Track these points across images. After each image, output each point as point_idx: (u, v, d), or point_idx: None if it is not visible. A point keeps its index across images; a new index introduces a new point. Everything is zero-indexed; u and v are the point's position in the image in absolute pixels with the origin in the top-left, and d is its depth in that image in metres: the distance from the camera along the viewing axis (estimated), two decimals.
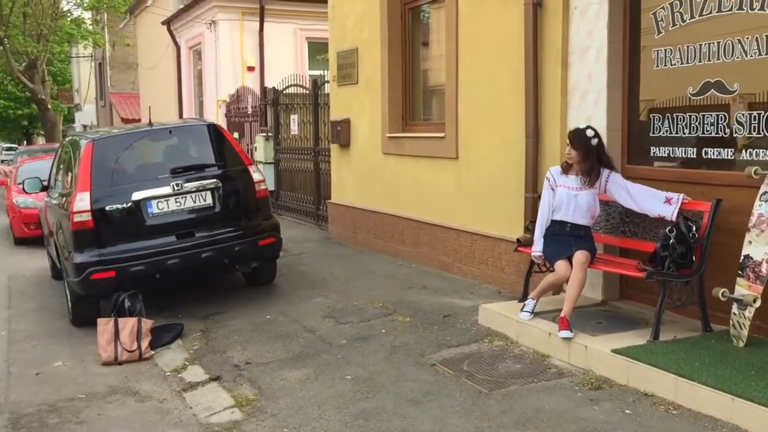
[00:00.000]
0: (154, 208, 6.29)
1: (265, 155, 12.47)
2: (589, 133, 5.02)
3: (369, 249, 8.83)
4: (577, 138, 5.02)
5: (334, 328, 5.72)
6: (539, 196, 5.81)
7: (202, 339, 5.82)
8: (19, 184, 10.38)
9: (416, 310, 6.02)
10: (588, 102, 5.68)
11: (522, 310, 5.20)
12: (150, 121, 6.95)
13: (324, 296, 6.69)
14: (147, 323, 5.63)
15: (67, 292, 6.53)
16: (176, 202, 6.35)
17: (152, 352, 5.56)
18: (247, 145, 13.79)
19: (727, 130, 4.82)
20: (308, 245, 9.47)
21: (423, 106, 8.52)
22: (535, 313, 5.17)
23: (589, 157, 4.99)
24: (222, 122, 15.08)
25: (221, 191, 6.54)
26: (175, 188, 6.32)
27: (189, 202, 6.40)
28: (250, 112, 13.94)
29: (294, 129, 11.87)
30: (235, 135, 14.39)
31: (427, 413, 4.02)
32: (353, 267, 7.86)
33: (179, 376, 5.12)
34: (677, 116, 5.16)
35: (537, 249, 5.22)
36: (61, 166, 7.64)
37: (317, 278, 7.45)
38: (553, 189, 5.15)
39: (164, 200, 6.31)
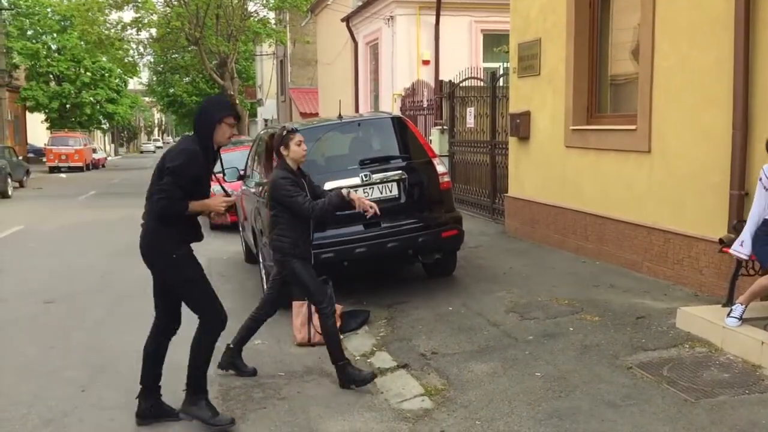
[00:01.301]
0: None
1: (440, 148, 12.55)
2: None
3: (548, 245, 8.62)
4: None
5: (518, 324, 5.64)
6: (746, 194, 5.38)
7: (387, 326, 5.96)
8: (217, 173, 11.20)
9: (605, 310, 5.78)
10: None
11: (728, 315, 4.82)
12: (339, 114, 7.22)
13: (506, 290, 6.62)
14: (338, 308, 5.85)
15: (263, 275, 6.96)
16: (364, 192, 6.54)
17: (342, 336, 5.77)
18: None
19: None
20: (484, 239, 9.42)
21: (610, 97, 8.15)
22: (743, 320, 4.78)
23: None
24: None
25: (406, 183, 6.66)
26: (364, 179, 6.52)
27: (376, 193, 6.57)
28: (425, 105, 14.10)
29: (470, 122, 11.84)
30: None
31: (627, 418, 3.85)
32: (533, 262, 7.70)
33: (368, 361, 5.28)
34: None
35: (746, 251, 4.83)
36: (257, 158, 8.15)
37: (497, 272, 7.39)
38: (766, 189, 4.72)
39: (353, 190, 6.50)
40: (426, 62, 15.38)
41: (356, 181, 6.52)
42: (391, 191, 6.63)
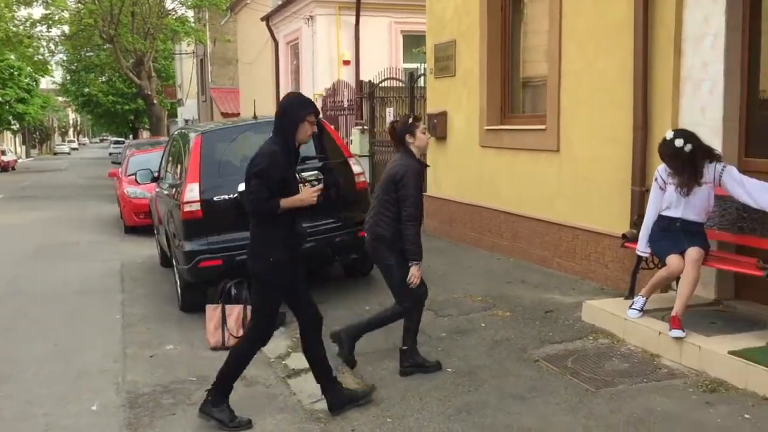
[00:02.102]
0: None
1: (360, 148, 12.60)
2: (678, 143, 4.73)
3: (466, 243, 8.78)
4: (665, 150, 4.78)
5: (433, 321, 5.72)
6: (647, 190, 5.61)
7: None
8: (130, 175, 10.90)
9: (516, 305, 5.94)
10: (702, 92, 5.43)
11: (630, 307, 5.03)
12: (255, 115, 7.14)
13: None
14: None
15: (177, 278, 6.82)
16: None
17: None
18: (343, 138, 13.96)
19: None
20: None
21: (523, 98, 8.38)
22: (643, 311, 5.00)
23: (684, 168, 4.74)
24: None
25: (322, 183, 6.63)
26: None
27: None
28: (345, 105, 14.12)
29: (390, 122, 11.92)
30: None
31: (532, 409, 3.96)
32: (450, 260, 7.83)
33: (283, 362, 5.25)
34: None
35: (642, 247, 5.05)
36: (171, 159, 7.98)
37: None
38: (662, 188, 4.95)
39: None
40: (346, 62, 15.41)
41: None
42: None
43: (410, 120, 4.71)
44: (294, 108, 4.04)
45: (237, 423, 4.11)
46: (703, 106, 5.40)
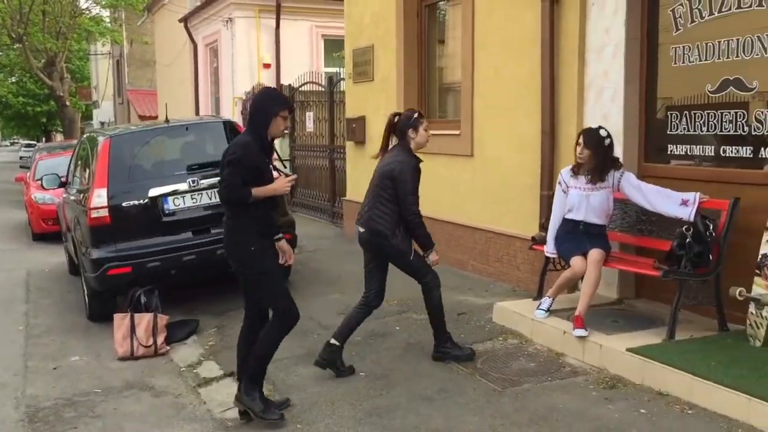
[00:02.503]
0: (171, 204, 6.34)
1: (280, 152, 12.48)
2: (603, 133, 4.97)
3: None
4: (591, 138, 4.97)
5: None
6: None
7: (217, 335, 5.85)
8: (38, 180, 10.48)
9: None
10: (604, 99, 5.64)
11: (538, 308, 5.18)
12: (167, 118, 6.99)
13: (339, 293, 6.71)
14: (163, 319, 5.67)
15: (84, 287, 6.60)
16: (192, 198, 6.39)
17: (168, 348, 5.60)
18: None
19: (746, 128, 4.77)
20: (323, 242, 9.49)
21: (439, 103, 8.51)
22: (550, 311, 5.15)
23: (601, 157, 4.95)
24: (238, 119, 15.13)
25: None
26: (192, 185, 6.36)
27: (205, 199, 6.44)
28: None
29: (309, 126, 11.90)
30: None
31: (441, 410, 4.02)
32: None
33: (194, 371, 5.16)
34: (695, 114, 5.11)
35: (549, 249, 5.21)
36: (79, 163, 7.72)
37: (332, 275, 7.47)
38: (564, 192, 5.12)
39: (180, 197, 6.36)
40: (267, 66, 15.27)
41: (183, 186, 6.35)
42: None
43: (416, 115, 4.78)
44: (267, 103, 4.08)
45: (269, 414, 4.05)
46: (605, 113, 5.62)
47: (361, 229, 4.76)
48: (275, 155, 4.21)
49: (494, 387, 4.28)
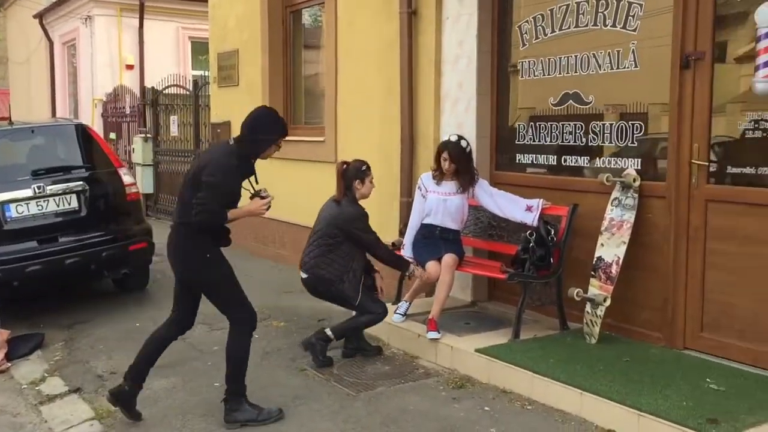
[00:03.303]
0: (13, 211, 5.95)
1: (143, 157, 12.05)
2: (464, 144, 5.14)
3: (250, 253, 8.71)
4: (455, 151, 5.09)
5: (207, 335, 5.60)
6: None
7: (64, 349, 5.54)
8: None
9: (292, 315, 6.00)
10: (459, 109, 5.86)
11: (395, 312, 5.28)
12: (10, 120, 6.57)
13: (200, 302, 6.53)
14: (3, 334, 5.31)
15: None
16: (38, 205, 6.03)
17: (8, 365, 5.23)
18: (125, 146, 13.29)
19: (584, 139, 5.11)
20: None
21: (305, 109, 8.51)
22: (408, 315, 5.27)
23: (467, 167, 5.13)
24: (98, 122, 14.46)
25: (88, 194, 6.27)
26: (37, 191, 6.00)
27: (52, 206, 6.09)
28: (128, 112, 13.43)
29: (174, 130, 11.55)
30: (112, 136, 13.84)
31: (295, 418, 4.01)
32: None
33: (37, 388, 4.84)
34: (540, 125, 5.42)
35: (407, 253, 5.33)
36: None
37: None
38: (424, 196, 5.27)
39: (24, 203, 5.98)
40: (130, 67, 14.67)
41: (28, 193, 5.98)
42: (70, 203, 6.18)
43: (364, 167, 4.91)
44: (269, 128, 3.96)
45: (266, 415, 3.94)
46: (460, 123, 5.83)
47: (308, 276, 4.90)
48: (253, 177, 4.04)
49: (349, 392, 4.32)
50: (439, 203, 5.16)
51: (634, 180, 4.63)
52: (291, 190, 8.04)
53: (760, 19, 4.03)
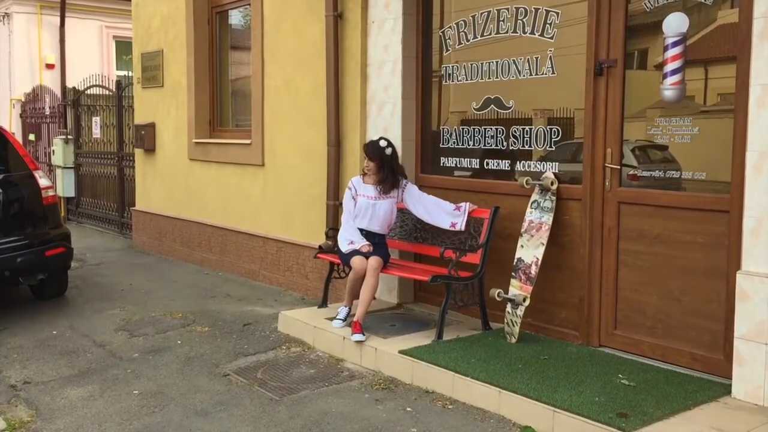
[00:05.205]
0: None
1: (64, 159, 11.65)
2: (383, 143, 5.21)
3: (175, 258, 8.55)
4: (372, 149, 5.20)
5: (126, 342, 5.46)
6: (341, 204, 5.94)
7: None
8: None
9: (216, 320, 5.92)
10: (385, 113, 5.90)
11: (335, 318, 5.22)
12: None
13: (120, 308, 6.38)
14: None
15: None
16: None
17: None
18: (45, 148, 12.82)
19: (505, 143, 5.22)
20: (109, 254, 8.98)
21: (232, 111, 8.40)
22: (347, 320, 5.18)
23: (384, 166, 5.19)
24: (16, 123, 13.91)
25: (1, 198, 6.02)
26: None
27: None
28: (48, 113, 12.96)
29: (96, 132, 11.21)
30: (32, 137, 13.33)
31: (215, 424, 3.95)
32: (156, 277, 7.55)
33: None
34: (464, 129, 5.52)
35: (345, 247, 5.20)
36: None
37: (115, 289, 7.08)
38: (354, 198, 5.29)
39: None
40: (50, 66, 14.16)
41: None
42: None
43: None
44: None
45: None
46: (386, 126, 5.87)
47: None
48: None
49: (272, 396, 4.28)
50: (369, 207, 5.19)
51: (552, 183, 4.76)
52: (217, 193, 7.94)
53: (667, 28, 4.22)
